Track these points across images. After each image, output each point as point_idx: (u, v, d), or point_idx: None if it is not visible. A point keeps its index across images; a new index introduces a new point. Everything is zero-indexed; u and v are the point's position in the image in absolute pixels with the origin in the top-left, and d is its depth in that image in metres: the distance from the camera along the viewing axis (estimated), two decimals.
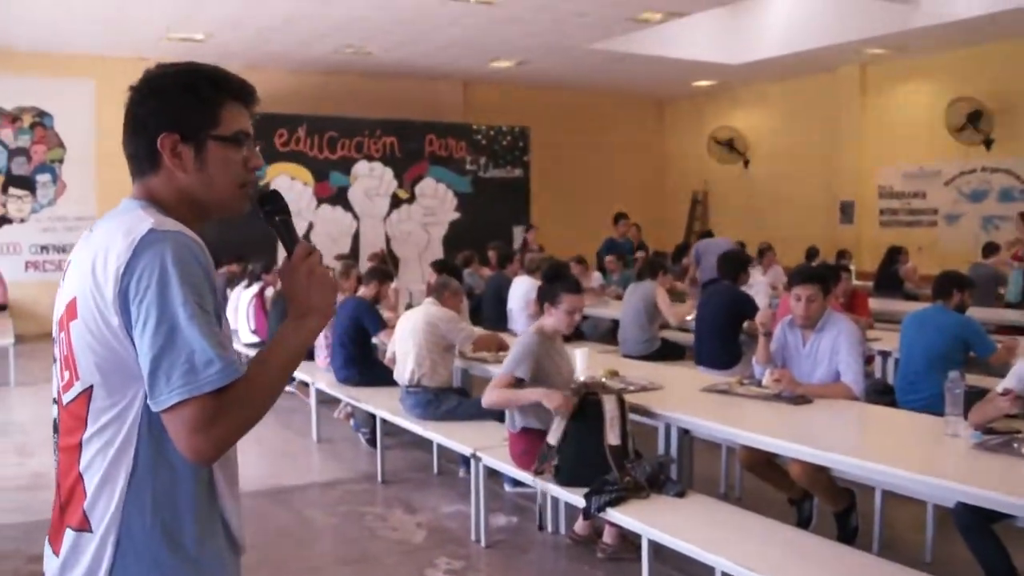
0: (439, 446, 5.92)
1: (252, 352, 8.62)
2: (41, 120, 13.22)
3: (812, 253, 11.74)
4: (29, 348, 11.25)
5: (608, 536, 4.44)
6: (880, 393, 5.70)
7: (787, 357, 4.76)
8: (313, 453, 6.85)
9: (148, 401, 1.46)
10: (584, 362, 4.94)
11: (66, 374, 1.56)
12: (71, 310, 1.54)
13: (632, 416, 4.26)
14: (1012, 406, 3.59)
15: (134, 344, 1.46)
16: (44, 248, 13.37)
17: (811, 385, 4.52)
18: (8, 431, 7.31)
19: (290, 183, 13.56)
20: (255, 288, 8.98)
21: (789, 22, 13.21)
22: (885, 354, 6.69)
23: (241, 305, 8.93)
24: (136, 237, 1.48)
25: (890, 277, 10.83)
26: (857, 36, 12.57)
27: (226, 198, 1.66)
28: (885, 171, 14.73)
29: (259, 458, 6.86)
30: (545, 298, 4.65)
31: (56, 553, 1.57)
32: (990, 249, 10.61)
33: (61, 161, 13.41)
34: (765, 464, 4.61)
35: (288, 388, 8.43)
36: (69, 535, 1.54)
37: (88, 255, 1.53)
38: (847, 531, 4.49)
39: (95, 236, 1.58)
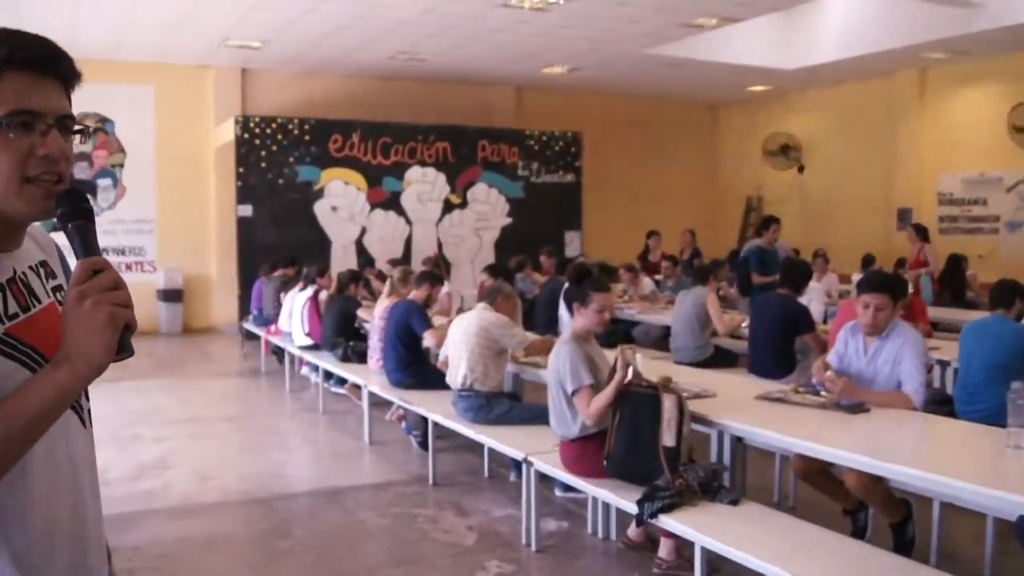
0: (489, 450, 5.94)
1: (307, 354, 8.73)
2: (103, 126, 13.53)
3: (868, 260, 11.56)
4: None
5: (664, 551, 4.40)
6: (939, 403, 5.59)
7: (847, 363, 4.70)
8: (365, 455, 6.90)
9: None
10: (638, 368, 4.92)
11: None
12: None
13: None
14: None
15: None
16: (104, 250, 13.44)
17: (870, 392, 4.46)
18: None
19: (344, 188, 13.70)
20: (309, 291, 9.08)
21: (846, 26, 13.04)
22: (944, 364, 6.57)
23: (295, 308, 9.04)
24: None
25: (951, 285, 10.62)
26: (916, 40, 12.35)
27: (8, 196, 1.29)
28: (945, 177, 14.46)
29: (313, 459, 6.95)
30: (575, 299, 4.64)
31: None
32: None
33: (121, 166, 13.72)
34: (820, 474, 4.55)
35: (339, 390, 8.54)
36: None
37: None
38: (903, 542, 4.41)
39: None
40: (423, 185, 14.38)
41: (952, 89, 14.34)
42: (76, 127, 1.37)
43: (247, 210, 12.99)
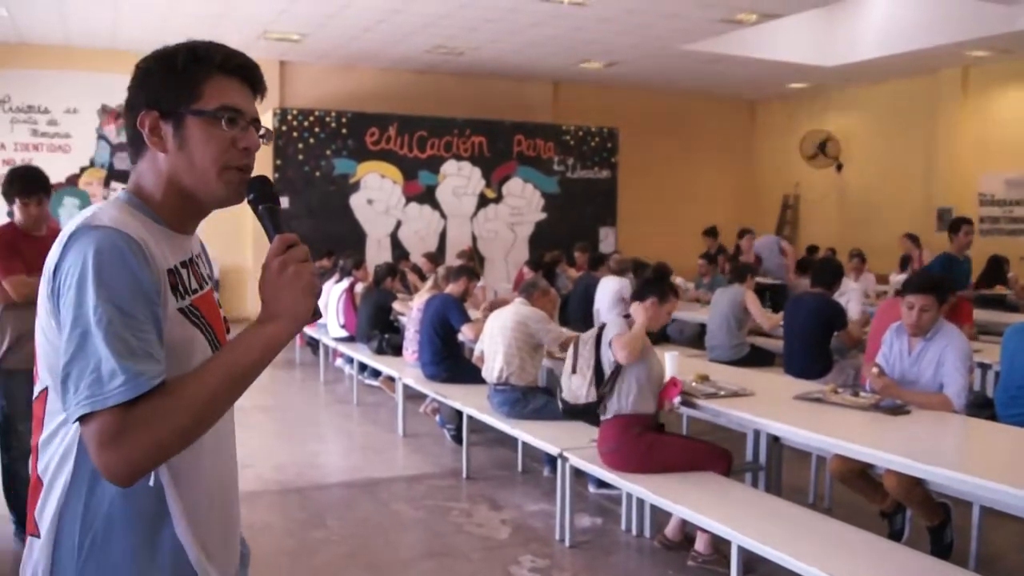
0: (523, 444, 5.95)
1: (342, 346, 8.79)
2: None
3: (906, 261, 11.43)
4: None
5: (701, 544, 4.40)
6: (979, 406, 5.52)
7: (891, 364, 4.66)
8: (399, 447, 6.93)
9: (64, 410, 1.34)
10: (674, 365, 4.91)
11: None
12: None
13: (721, 422, 4.23)
14: None
15: None
16: None
17: (910, 392, 4.42)
18: None
19: (380, 181, 13.77)
20: (345, 283, 9.14)
21: (887, 23, 12.88)
22: (985, 366, 6.48)
23: (331, 300, 9.09)
24: (67, 235, 1.37)
25: (992, 287, 10.45)
26: (960, 38, 12.18)
27: (209, 180, 1.49)
28: (987, 178, 14.26)
29: (347, 450, 6.99)
30: (654, 293, 4.66)
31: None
32: None
33: None
34: (858, 475, 4.51)
35: (373, 383, 8.59)
36: (31, 539, 1.46)
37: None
38: (941, 545, 4.37)
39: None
40: (458, 179, 14.41)
41: (995, 88, 14.12)
42: (261, 130, 1.56)
43: (284, 202, 13.09)
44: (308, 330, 9.94)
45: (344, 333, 8.85)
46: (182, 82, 1.48)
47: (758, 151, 18.59)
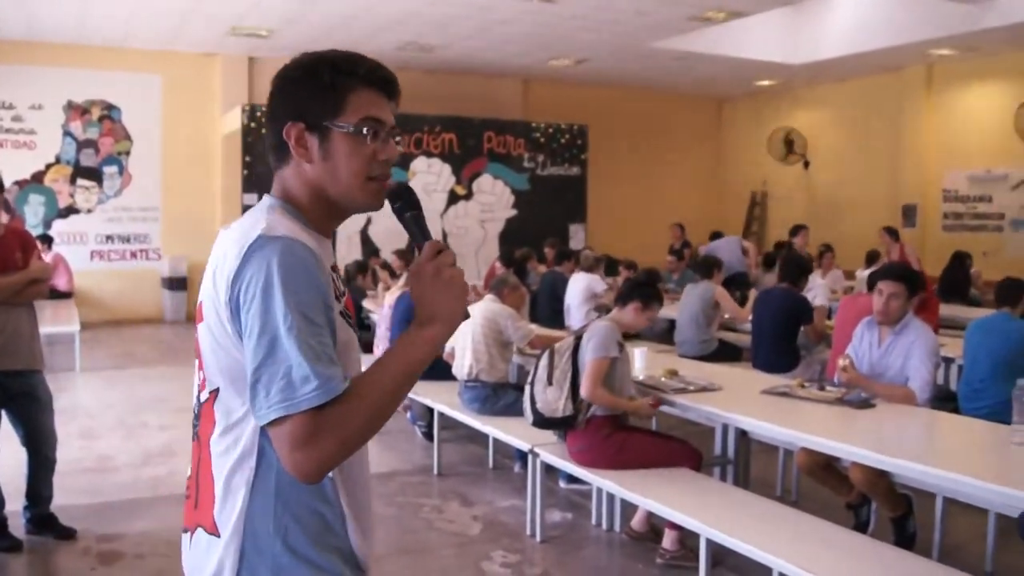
0: (494, 441, 5.97)
1: None
2: (109, 113, 13.56)
3: (873, 256, 11.56)
4: (93, 335, 11.56)
5: (668, 541, 4.44)
6: (942, 400, 5.61)
7: (860, 355, 4.73)
8: (370, 444, 6.90)
9: (253, 414, 1.42)
10: (644, 361, 4.95)
11: (200, 374, 1.55)
12: (199, 314, 1.53)
13: (690, 416, 4.27)
14: None
15: None
16: (109, 238, 13.71)
17: (876, 384, 4.50)
18: (75, 415, 7.51)
19: None
20: None
21: (854, 22, 13.02)
22: (948, 360, 6.58)
23: None
24: (246, 244, 1.42)
25: (955, 282, 10.61)
26: (924, 36, 12.33)
27: (353, 191, 1.56)
28: (950, 174, 14.46)
29: None
30: (641, 297, 4.69)
31: (191, 545, 1.57)
32: None
33: (128, 153, 13.74)
34: (824, 468, 4.58)
35: None
36: (201, 536, 1.53)
37: (212, 259, 1.51)
38: (904, 536, 4.44)
39: (221, 238, 1.54)
40: (428, 176, 14.40)
41: (959, 86, 14.32)
42: (397, 138, 1.61)
43: (253, 199, 13.00)
44: None
45: None
46: (327, 95, 1.53)
47: (726, 148, 18.73)
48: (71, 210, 13.45)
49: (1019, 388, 3.52)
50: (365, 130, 1.53)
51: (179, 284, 13.74)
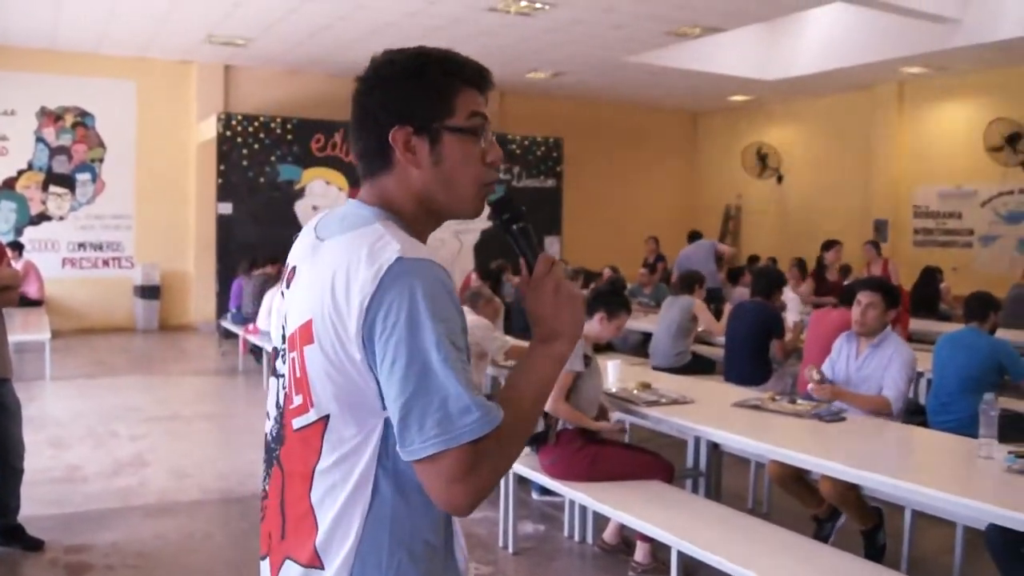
0: None
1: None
2: (83, 120, 13.46)
3: (844, 270, 11.68)
4: (64, 343, 11.46)
5: (640, 554, 4.45)
6: (911, 413, 5.67)
7: (838, 368, 4.80)
8: None
9: (398, 448, 1.33)
10: (616, 374, 4.98)
11: (298, 398, 1.44)
12: (306, 333, 1.40)
13: (662, 429, 4.30)
14: None
15: (377, 380, 1.34)
16: (81, 245, 13.58)
17: (850, 393, 4.58)
18: (44, 424, 7.43)
19: (325, 188, 13.69)
20: None
21: (827, 40, 13.18)
22: (918, 374, 6.65)
23: (275, 307, 9.00)
24: (383, 267, 1.32)
25: (925, 297, 10.72)
26: (895, 54, 12.52)
27: (467, 198, 1.49)
28: (921, 190, 14.64)
29: None
30: (605, 307, 4.72)
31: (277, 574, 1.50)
32: None
33: (101, 160, 13.63)
34: (795, 480, 4.62)
35: None
36: (293, 568, 1.46)
37: (325, 273, 1.38)
38: (874, 549, 4.49)
39: (328, 250, 1.43)
40: None
41: (930, 104, 14.52)
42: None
43: (227, 208, 12.96)
44: (251, 338, 9.85)
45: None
46: (438, 96, 1.45)
47: (701, 162, 18.87)
48: (43, 217, 13.33)
49: (986, 403, 3.58)
50: (479, 129, 1.48)
51: (152, 292, 13.64)
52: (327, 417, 1.39)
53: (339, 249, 1.40)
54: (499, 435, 1.33)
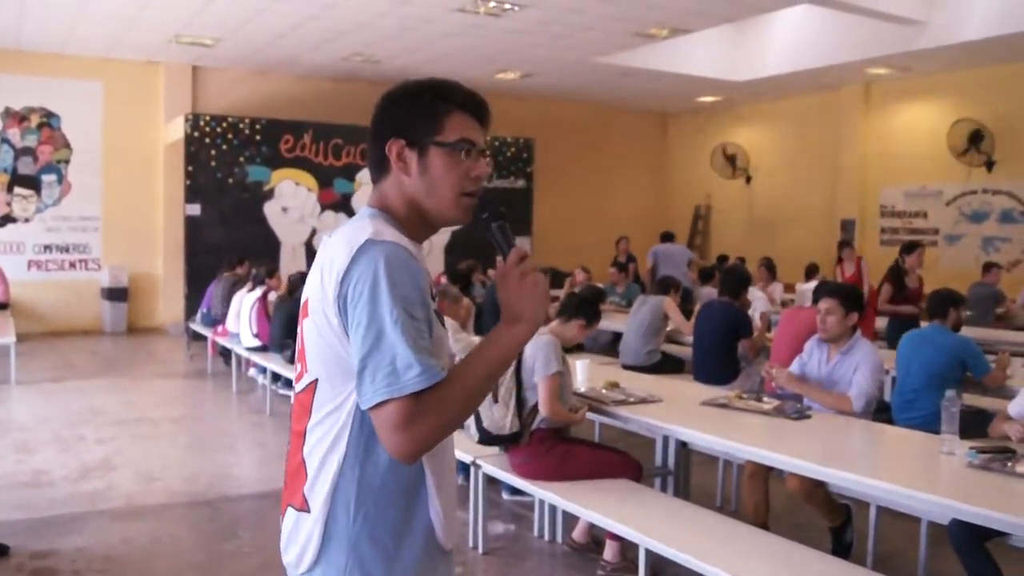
0: None
1: (255, 356, 8.69)
2: (48, 121, 13.30)
3: (812, 270, 11.76)
4: (30, 347, 11.32)
5: (609, 553, 4.47)
6: (877, 410, 5.73)
7: (808, 370, 4.85)
8: None
9: (357, 399, 1.55)
10: (584, 373, 5.00)
11: (299, 366, 1.70)
12: (305, 309, 1.67)
13: (632, 428, 4.32)
14: (1020, 438, 3.91)
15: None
16: (47, 248, 13.43)
17: (813, 389, 4.62)
18: (9, 429, 7.35)
19: (295, 189, 13.63)
20: (258, 292, 9.02)
21: (794, 41, 13.30)
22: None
23: (244, 309, 8.97)
24: (355, 246, 1.57)
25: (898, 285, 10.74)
26: (861, 56, 12.65)
27: (446, 205, 1.71)
28: (887, 190, 14.81)
29: (260, 461, 6.91)
30: (585, 316, 4.76)
31: (284, 523, 1.74)
32: (989, 268, 10.68)
33: (67, 162, 13.48)
34: (815, 492, 4.44)
35: (287, 392, 8.49)
36: (291, 513, 1.70)
37: (321, 259, 1.65)
38: (842, 545, 4.54)
39: (328, 242, 1.68)
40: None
41: (895, 104, 14.68)
42: (487, 159, 1.77)
43: (195, 209, 12.86)
44: (220, 340, 9.79)
45: (257, 343, 8.73)
46: (428, 116, 1.69)
47: (670, 163, 18.96)
48: (8, 219, 13.16)
49: (948, 399, 3.63)
50: (461, 148, 1.69)
51: (119, 295, 13.51)
52: (315, 381, 1.64)
53: (334, 240, 1.65)
54: (442, 394, 1.52)
